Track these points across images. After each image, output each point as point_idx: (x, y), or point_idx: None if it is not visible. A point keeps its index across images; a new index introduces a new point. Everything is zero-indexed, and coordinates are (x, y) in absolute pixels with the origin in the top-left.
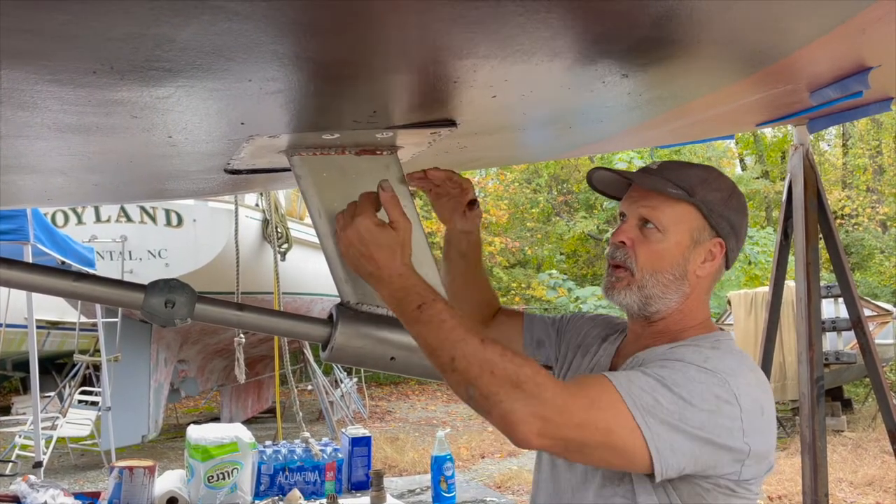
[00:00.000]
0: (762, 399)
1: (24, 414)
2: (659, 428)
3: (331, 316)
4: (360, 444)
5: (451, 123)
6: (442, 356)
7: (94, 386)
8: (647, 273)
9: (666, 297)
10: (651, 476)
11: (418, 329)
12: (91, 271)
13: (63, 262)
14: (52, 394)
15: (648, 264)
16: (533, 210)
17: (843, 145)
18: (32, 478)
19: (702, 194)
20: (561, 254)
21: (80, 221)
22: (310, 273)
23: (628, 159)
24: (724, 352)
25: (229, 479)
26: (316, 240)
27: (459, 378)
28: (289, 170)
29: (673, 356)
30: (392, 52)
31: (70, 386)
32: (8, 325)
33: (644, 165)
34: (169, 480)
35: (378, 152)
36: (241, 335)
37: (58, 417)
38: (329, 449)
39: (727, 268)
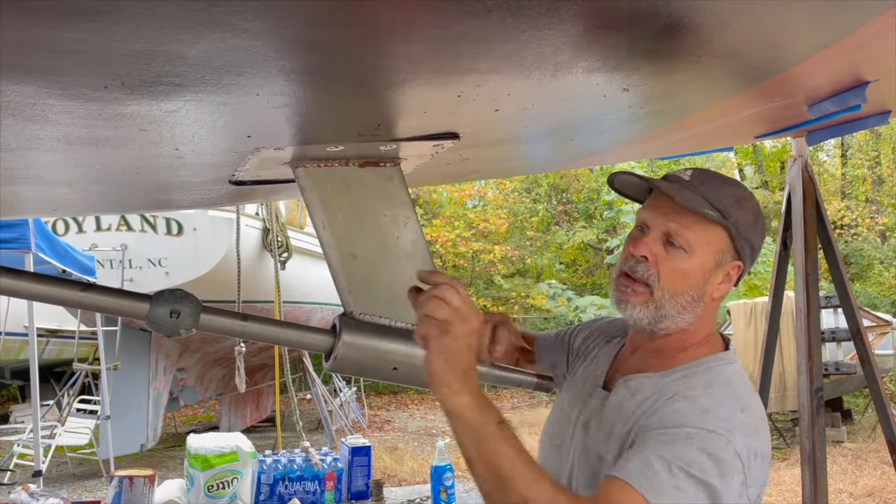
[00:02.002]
0: (755, 443)
1: (22, 422)
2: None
3: (334, 326)
4: (360, 453)
5: (453, 136)
6: (511, 493)
7: (92, 394)
8: (668, 293)
9: (679, 317)
10: None
11: (494, 448)
12: (92, 280)
13: (63, 271)
14: (50, 402)
15: (670, 284)
16: (532, 219)
17: (843, 156)
18: (33, 487)
19: (735, 216)
20: (560, 263)
21: (80, 230)
22: (309, 282)
23: (629, 168)
24: (717, 391)
25: (229, 488)
26: (316, 249)
27: None
28: (293, 181)
29: (672, 422)
30: (396, 67)
31: (69, 394)
32: (7, 333)
33: (673, 172)
34: (168, 490)
35: (381, 164)
36: (242, 344)
37: (56, 426)
38: (329, 458)
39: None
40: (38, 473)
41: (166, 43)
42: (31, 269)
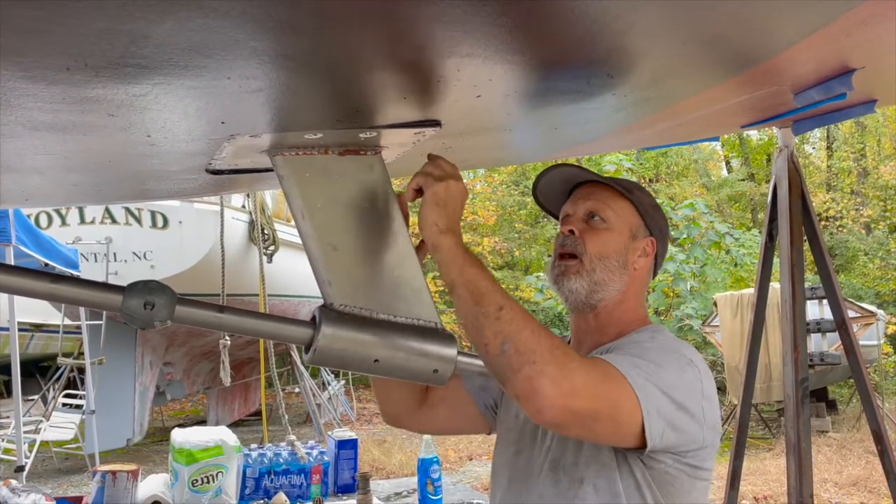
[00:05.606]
0: (707, 370)
1: (7, 417)
2: (648, 390)
3: (313, 318)
4: (346, 446)
5: (435, 123)
6: (489, 304)
7: (78, 389)
8: (596, 258)
9: (610, 285)
10: (638, 450)
11: (474, 271)
12: (75, 273)
13: (46, 264)
14: (35, 397)
15: (596, 251)
16: (521, 212)
17: (828, 148)
18: (14, 482)
19: (637, 195)
20: (549, 256)
21: (64, 223)
22: (297, 275)
23: (617, 161)
24: (666, 338)
25: (214, 482)
26: None
27: (499, 328)
28: (272, 170)
29: (628, 342)
30: (374, 50)
31: (54, 389)
32: None
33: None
34: (153, 484)
35: (362, 152)
36: (227, 337)
37: (41, 421)
38: (315, 452)
39: (654, 274)
40: (20, 469)
41: (129, 21)
42: (12, 263)
